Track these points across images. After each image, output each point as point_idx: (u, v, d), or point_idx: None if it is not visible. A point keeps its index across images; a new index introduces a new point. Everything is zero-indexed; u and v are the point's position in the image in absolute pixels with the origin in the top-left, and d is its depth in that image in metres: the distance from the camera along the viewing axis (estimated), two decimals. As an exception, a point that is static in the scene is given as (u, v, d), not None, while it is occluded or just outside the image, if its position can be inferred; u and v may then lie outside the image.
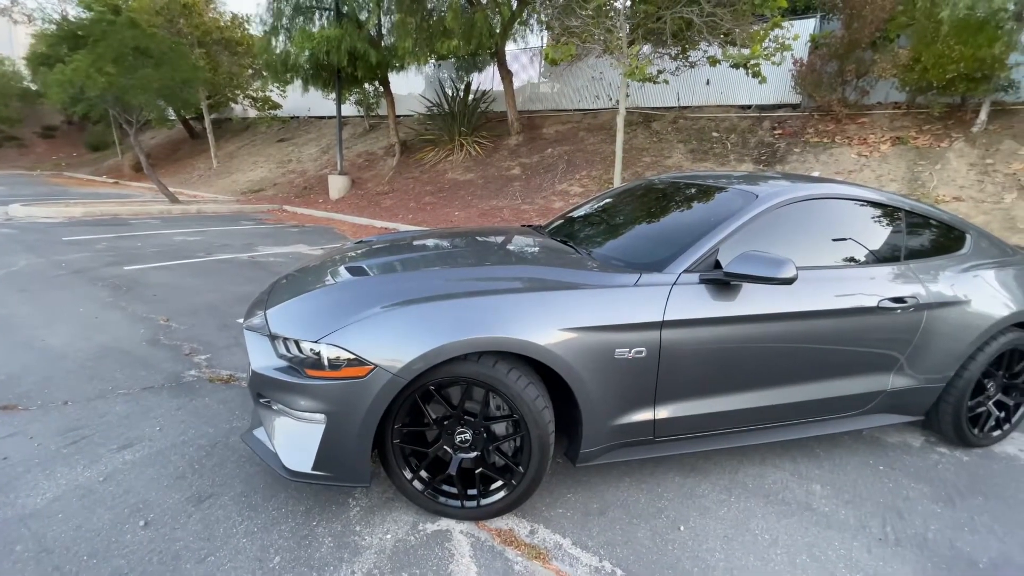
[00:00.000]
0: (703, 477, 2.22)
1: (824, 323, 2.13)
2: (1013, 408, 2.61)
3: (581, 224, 2.81)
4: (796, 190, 2.23)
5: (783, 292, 2.07)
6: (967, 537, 1.93)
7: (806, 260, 2.19)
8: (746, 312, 2.01)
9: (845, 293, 2.15)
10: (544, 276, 1.97)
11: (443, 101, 12.39)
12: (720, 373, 2.05)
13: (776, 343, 2.08)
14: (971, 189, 6.85)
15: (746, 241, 2.10)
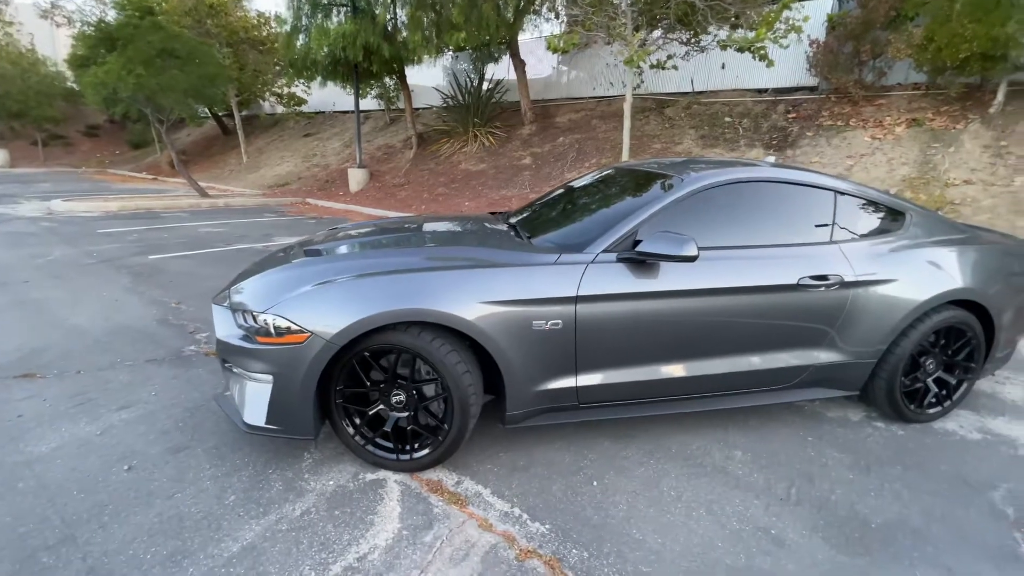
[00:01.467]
0: (631, 442, 2.39)
1: (743, 299, 2.25)
2: (955, 386, 2.66)
3: (536, 211, 2.99)
4: (721, 175, 2.35)
5: (701, 269, 2.21)
6: (870, 501, 2.04)
7: (729, 240, 2.32)
8: (664, 288, 2.16)
9: (766, 271, 2.27)
10: (475, 256, 2.17)
11: (457, 93, 12.59)
12: (641, 344, 2.21)
13: (696, 318, 2.23)
14: (983, 172, 6.63)
15: (672, 223, 2.24)
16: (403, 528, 1.83)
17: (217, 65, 11.79)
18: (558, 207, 2.88)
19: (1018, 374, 3.32)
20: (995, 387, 3.12)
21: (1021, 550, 1.81)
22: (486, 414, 2.31)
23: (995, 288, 2.55)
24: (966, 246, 2.59)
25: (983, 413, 2.79)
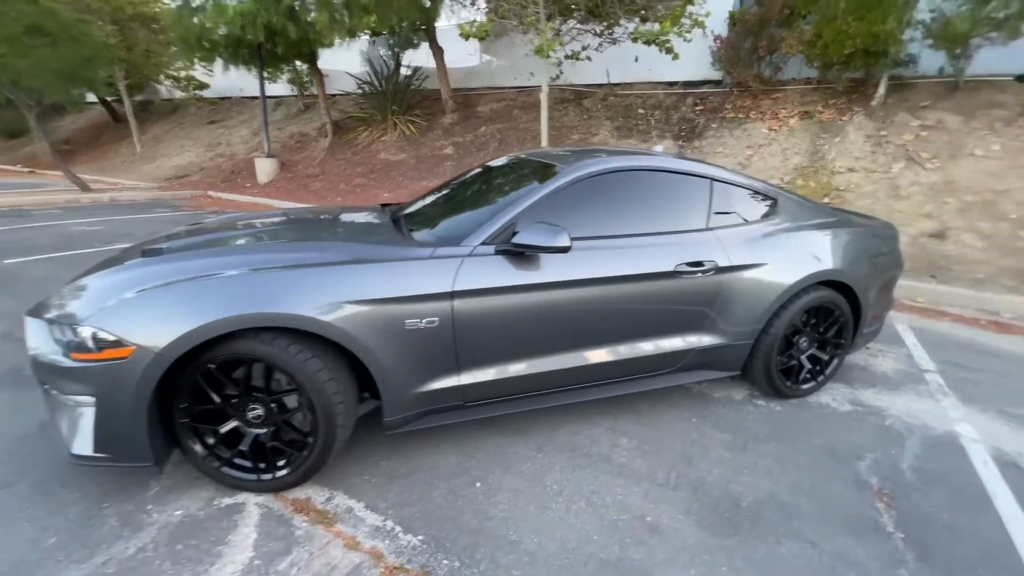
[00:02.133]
0: (521, 437, 2.33)
1: (625, 288, 2.25)
2: (827, 361, 2.83)
3: (425, 203, 2.83)
4: (601, 164, 2.32)
5: (584, 259, 2.17)
6: (744, 479, 2.11)
7: (612, 229, 2.30)
8: (546, 279, 2.10)
9: (645, 259, 2.27)
10: (340, 252, 1.99)
11: (373, 79, 12.07)
12: (526, 338, 2.14)
13: (580, 308, 2.19)
14: (865, 160, 7.24)
15: (553, 213, 2.17)
16: (256, 557, 1.65)
17: (95, 44, 10.51)
18: (447, 199, 2.76)
19: (890, 347, 3.61)
20: (868, 360, 3.37)
21: (881, 519, 1.92)
22: (369, 420, 2.16)
23: (860, 268, 2.72)
24: (833, 230, 2.75)
25: (856, 385, 3.00)
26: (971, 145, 6.86)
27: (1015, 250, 5.41)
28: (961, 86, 7.65)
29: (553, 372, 2.22)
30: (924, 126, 7.41)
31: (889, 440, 2.43)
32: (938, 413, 2.70)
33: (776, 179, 7.39)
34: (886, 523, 1.88)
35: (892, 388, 2.96)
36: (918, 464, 2.25)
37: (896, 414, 2.67)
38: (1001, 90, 7.46)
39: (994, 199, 6.11)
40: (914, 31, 7.50)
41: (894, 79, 8.20)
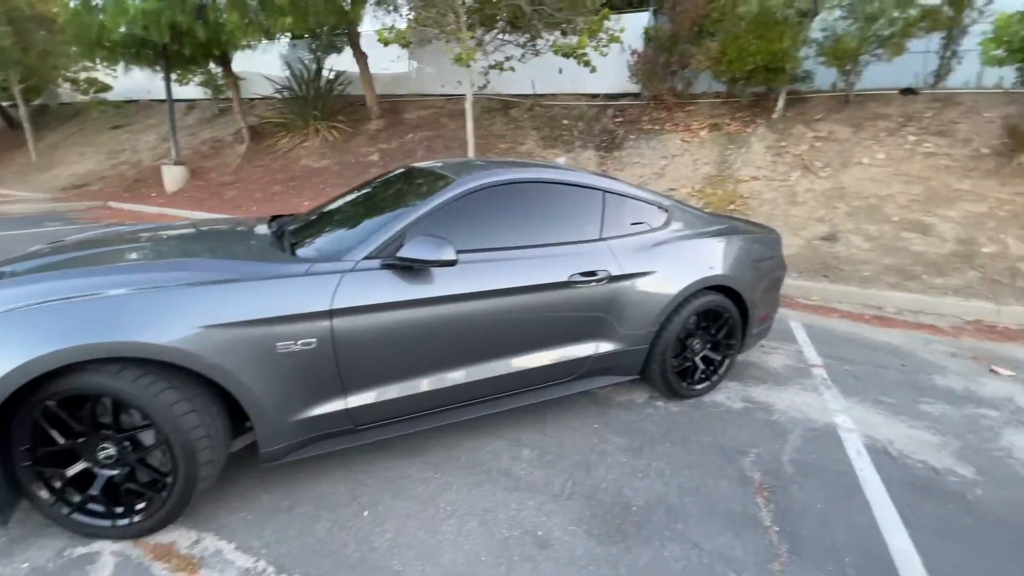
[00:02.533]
0: (418, 457, 2.26)
1: (521, 299, 2.24)
2: (720, 361, 2.97)
3: (317, 216, 2.70)
4: (493, 176, 2.31)
5: (478, 271, 2.14)
6: (636, 483, 2.15)
7: (506, 241, 2.29)
8: (437, 294, 2.04)
9: (539, 270, 2.28)
10: (204, 271, 1.84)
11: (293, 83, 11.59)
12: (420, 354, 2.07)
13: (475, 321, 2.16)
14: (766, 169, 7.78)
15: (445, 226, 2.13)
16: (101, 616, 1.47)
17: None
18: (338, 211, 2.64)
19: (783, 344, 3.85)
20: (762, 357, 3.58)
21: (760, 514, 2.01)
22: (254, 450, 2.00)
23: (745, 273, 2.88)
24: (719, 238, 2.89)
25: (749, 383, 3.16)
26: (859, 154, 7.54)
27: (896, 250, 5.98)
28: (851, 100, 8.41)
29: (450, 388, 2.17)
30: (818, 137, 8.08)
31: (774, 435, 2.57)
32: (820, 406, 2.90)
33: (688, 187, 7.79)
34: (764, 518, 1.98)
35: (781, 384, 3.15)
36: (798, 457, 2.39)
37: (782, 409, 2.83)
38: (887, 103, 8.28)
39: (879, 203, 6.74)
40: (809, 49, 8.18)
41: (793, 94, 8.90)
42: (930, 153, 7.15)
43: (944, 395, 3.10)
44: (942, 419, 2.81)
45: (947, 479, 2.27)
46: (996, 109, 7.34)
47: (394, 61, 11.65)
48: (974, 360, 3.71)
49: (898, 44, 7.65)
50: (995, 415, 2.89)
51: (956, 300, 4.97)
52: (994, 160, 6.66)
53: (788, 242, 6.44)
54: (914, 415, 2.84)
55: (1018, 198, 6.15)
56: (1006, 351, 3.96)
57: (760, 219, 6.96)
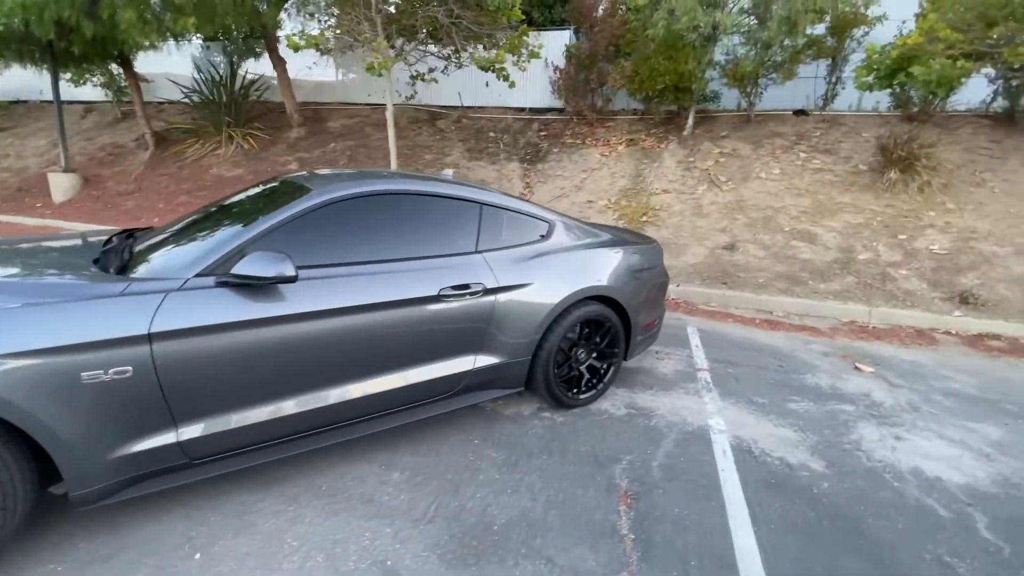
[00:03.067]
0: (274, 488, 2.11)
1: (383, 315, 2.16)
2: (604, 370, 3.02)
3: (169, 230, 2.48)
4: (355, 187, 2.23)
5: (336, 287, 2.05)
6: (503, 500, 2.11)
7: (367, 255, 2.20)
8: (288, 312, 1.92)
9: (405, 284, 2.21)
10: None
11: (202, 87, 10.93)
12: (265, 379, 1.94)
13: (329, 341, 2.05)
14: (677, 183, 8.18)
15: (298, 240, 2.02)
16: None
17: None
18: (192, 224, 2.44)
19: (676, 349, 4.00)
20: (654, 363, 3.69)
21: (619, 523, 2.03)
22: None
23: (626, 284, 2.95)
24: (600, 249, 2.96)
25: (637, 389, 3.24)
26: (758, 169, 8.09)
27: (787, 258, 6.43)
28: (752, 119, 9.02)
29: (305, 414, 2.04)
30: (723, 153, 8.60)
31: (649, 440, 2.63)
32: (698, 409, 3.01)
33: (605, 200, 8.04)
34: (622, 526, 2.00)
35: (666, 388, 3.26)
36: (667, 461, 2.46)
37: (662, 414, 2.92)
38: (782, 123, 8.95)
39: (773, 215, 7.25)
40: (713, 71, 8.73)
41: (702, 112, 9.45)
42: (818, 169, 7.79)
43: (811, 393, 3.32)
44: (805, 416, 3.00)
45: (799, 474, 2.41)
46: (873, 130, 8.12)
47: (313, 67, 11.29)
48: (843, 358, 4.02)
49: (789, 69, 8.32)
50: (851, 410, 3.12)
51: (835, 303, 5.41)
52: (870, 175, 7.36)
53: (693, 251, 6.78)
54: (781, 413, 3.01)
55: (888, 210, 6.81)
56: (872, 349, 4.32)
57: (669, 230, 7.30)
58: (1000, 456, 2.68)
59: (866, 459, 2.59)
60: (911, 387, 3.52)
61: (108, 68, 12.01)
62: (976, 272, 5.66)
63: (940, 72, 5.52)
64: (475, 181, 9.36)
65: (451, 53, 9.17)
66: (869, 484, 2.37)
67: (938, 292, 5.44)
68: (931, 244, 6.14)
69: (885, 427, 2.94)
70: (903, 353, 4.25)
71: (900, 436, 2.84)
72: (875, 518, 2.13)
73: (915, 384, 3.58)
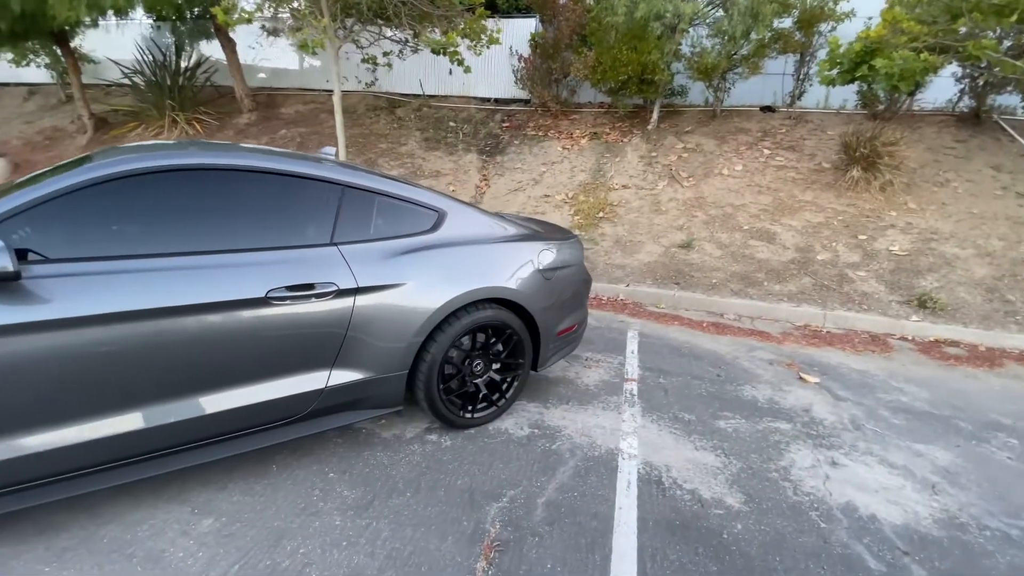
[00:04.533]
0: (43, 539, 1.66)
1: (180, 322, 1.71)
2: (507, 384, 2.62)
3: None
4: (148, 160, 1.77)
5: (114, 287, 1.60)
6: (330, 558, 1.69)
7: (164, 247, 1.76)
8: (52, 316, 1.48)
9: (217, 283, 1.77)
10: None
11: (144, 68, 10.27)
12: (29, 400, 1.49)
13: (110, 354, 1.60)
14: (637, 178, 7.84)
15: (65, 224, 1.58)
16: None
17: None
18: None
19: (609, 356, 3.62)
20: (580, 372, 3.31)
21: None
22: None
23: (531, 283, 2.55)
24: (501, 244, 2.54)
25: (550, 403, 2.85)
26: (720, 165, 7.79)
27: (744, 257, 6.12)
28: (719, 114, 8.73)
29: (79, 446, 1.60)
30: (686, 148, 8.28)
31: (544, 469, 2.24)
32: (613, 428, 2.63)
33: (562, 194, 7.66)
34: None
35: (584, 403, 2.87)
36: (557, 497, 2.07)
37: (570, 434, 2.53)
38: (748, 119, 8.67)
39: (733, 212, 6.94)
40: (679, 63, 8.40)
41: (668, 107, 9.13)
42: (781, 166, 7.52)
43: (745, 408, 2.97)
44: (733, 436, 2.64)
45: (710, 512, 2.04)
46: (838, 128, 7.88)
47: (256, 47, 10.69)
48: (788, 367, 3.70)
49: (755, 63, 8.03)
50: (787, 428, 2.78)
51: (789, 306, 5.10)
52: (833, 174, 7.10)
53: (648, 250, 6.44)
54: (707, 433, 2.65)
55: (850, 208, 6.56)
56: (822, 356, 4.02)
57: (625, 227, 6.95)
58: (947, 487, 2.35)
59: (792, 491, 2.23)
60: (856, 401, 3.20)
61: (51, 48, 11.26)
62: (936, 275, 5.42)
63: (903, 65, 5.24)
64: (384, 167, 8.91)
65: (407, 37, 8.68)
66: (791, 526, 2.01)
67: (896, 295, 5.18)
68: (891, 245, 5.89)
69: (821, 450, 2.59)
70: (853, 361, 3.95)
71: (836, 461, 2.50)
72: (789, 573, 1.77)
73: (861, 397, 3.26)
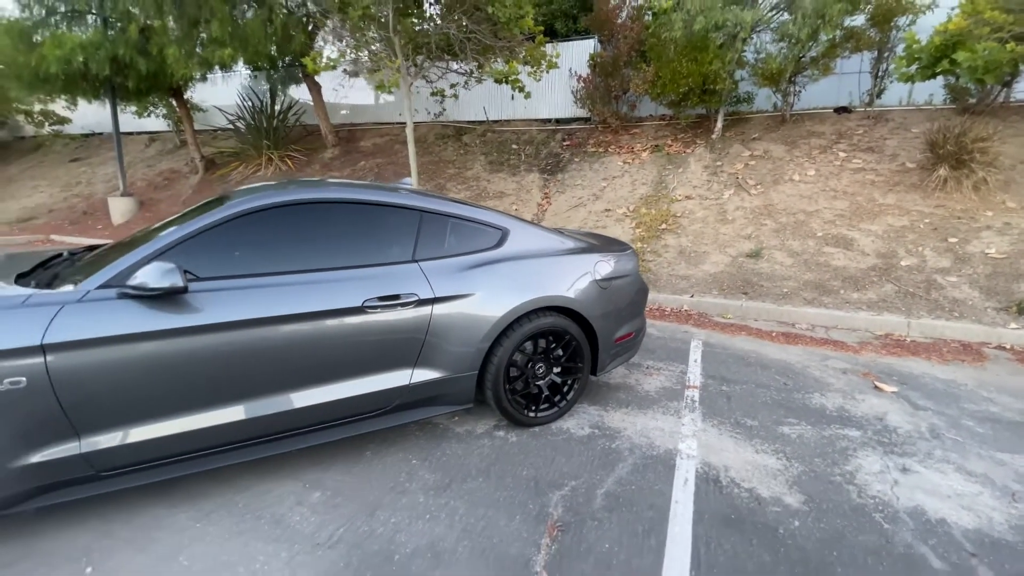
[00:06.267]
0: (191, 503, 2.07)
1: (296, 328, 2.08)
2: (568, 386, 2.82)
3: (112, 245, 2.55)
4: (271, 197, 2.19)
5: (243, 299, 2.00)
6: (417, 527, 1.96)
7: (286, 266, 2.15)
8: (189, 324, 1.90)
9: (323, 295, 2.14)
10: None
11: (244, 113, 11.63)
12: (171, 392, 1.91)
13: (242, 353, 2.00)
14: (701, 188, 7.78)
15: (209, 252, 2.02)
16: None
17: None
18: (131, 240, 2.49)
19: (671, 364, 3.71)
20: (640, 379, 3.43)
21: (534, 558, 1.83)
22: None
23: (588, 293, 2.75)
24: (559, 257, 2.77)
25: (610, 407, 3.01)
26: (791, 171, 7.57)
27: (818, 265, 5.92)
28: (788, 119, 8.50)
29: (215, 428, 2.00)
30: (753, 156, 8.12)
31: (604, 465, 2.40)
32: (672, 430, 2.74)
33: (623, 208, 7.76)
34: (537, 562, 1.80)
35: (644, 407, 3.00)
36: (617, 489, 2.23)
37: (629, 435, 2.68)
38: (821, 121, 8.38)
39: (805, 219, 6.72)
40: (743, 70, 8.31)
41: (734, 114, 9.02)
42: (858, 169, 7.18)
43: (811, 415, 2.96)
44: (796, 442, 2.66)
45: (768, 510, 2.11)
46: (923, 125, 7.41)
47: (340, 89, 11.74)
48: (863, 376, 3.59)
49: (825, 65, 7.79)
50: (855, 435, 2.74)
51: (869, 315, 4.88)
52: (918, 174, 6.69)
53: (714, 260, 6.38)
54: (769, 438, 2.69)
55: (938, 210, 6.15)
56: (903, 366, 3.84)
57: (689, 237, 6.93)
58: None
59: (856, 495, 2.24)
60: (938, 410, 3.07)
61: (168, 100, 13.05)
62: (1040, 279, 4.96)
63: (987, 56, 4.93)
64: (452, 190, 9.33)
65: (472, 68, 9.25)
66: (851, 525, 2.04)
67: (992, 301, 4.80)
68: (987, 247, 5.46)
69: (892, 457, 2.55)
70: (939, 371, 3.75)
71: (908, 468, 2.45)
72: (846, 567, 1.81)
73: (944, 407, 3.12)
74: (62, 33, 9.31)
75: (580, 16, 11.44)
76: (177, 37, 8.76)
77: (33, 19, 9.73)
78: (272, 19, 8.78)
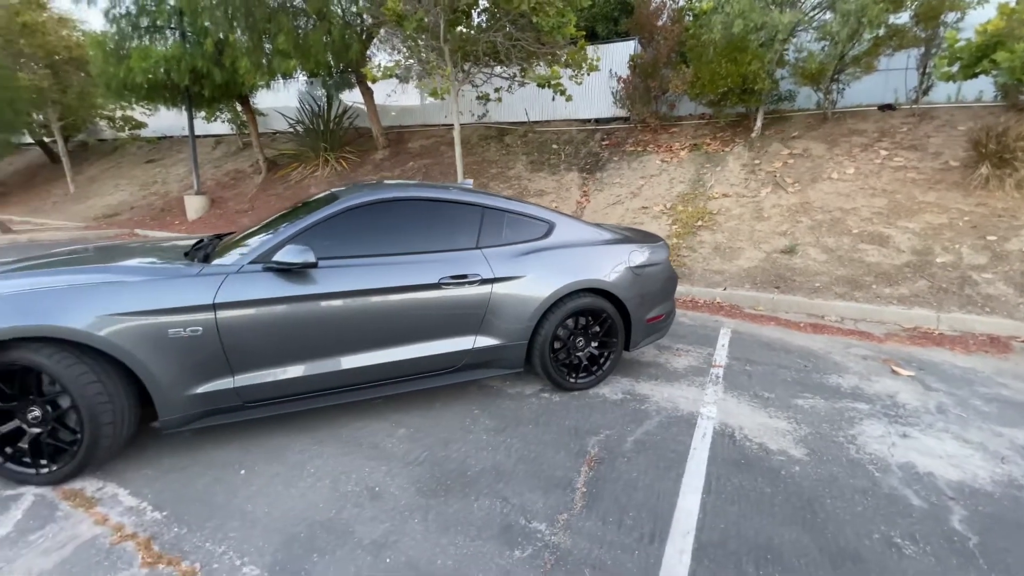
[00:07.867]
0: (305, 433, 2.65)
1: (392, 298, 2.63)
2: (604, 358, 3.27)
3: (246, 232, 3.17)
4: (373, 194, 2.75)
5: (354, 274, 2.56)
6: (483, 455, 2.47)
7: (383, 249, 2.71)
8: (316, 291, 2.47)
9: (411, 273, 2.68)
10: (119, 274, 2.31)
11: (304, 118, 12.54)
12: (297, 343, 2.48)
13: (347, 315, 2.56)
14: (738, 186, 8.00)
15: (328, 237, 2.58)
16: (13, 531, 1.91)
17: (16, 88, 10.67)
18: (263, 227, 3.10)
19: (699, 347, 4.09)
20: (669, 359, 3.84)
21: (576, 480, 2.30)
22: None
23: (622, 278, 3.19)
24: (598, 246, 3.23)
25: (642, 379, 3.44)
26: (830, 169, 7.70)
27: (851, 261, 6.10)
28: (829, 117, 8.59)
29: (330, 374, 2.57)
30: (792, 154, 8.27)
31: (634, 420, 2.85)
32: (695, 398, 3.15)
33: (660, 205, 8.07)
34: (578, 482, 2.27)
35: (671, 380, 3.41)
36: (644, 438, 2.67)
37: (657, 401, 3.10)
38: (864, 119, 8.43)
39: (842, 216, 6.87)
40: (784, 69, 8.46)
41: (774, 113, 9.15)
42: (899, 167, 7.25)
43: (826, 391, 3.29)
44: (808, 411, 3.01)
45: (773, 458, 2.51)
46: (970, 123, 7.39)
47: (392, 95, 12.47)
48: (883, 362, 3.86)
49: (868, 63, 7.86)
50: (864, 408, 3.07)
51: (899, 308, 5.08)
52: (961, 172, 6.73)
53: (748, 255, 6.64)
54: (782, 407, 3.06)
55: (979, 208, 6.20)
56: (925, 354, 4.07)
57: (725, 234, 7.19)
58: (1018, 459, 2.55)
59: (855, 452, 2.59)
60: (949, 391, 3.34)
61: (233, 106, 14.17)
62: (1078, 276, 5.02)
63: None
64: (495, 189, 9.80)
65: (513, 74, 9.75)
66: (845, 472, 2.41)
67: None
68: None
69: (895, 426, 2.87)
70: (960, 360, 3.97)
71: (907, 435, 2.78)
72: (835, 500, 2.20)
73: (956, 389, 3.38)
74: (148, 47, 10.40)
75: (621, 19, 11.76)
76: (247, 49, 9.65)
77: (121, 33, 10.85)
78: (331, 31, 9.54)
